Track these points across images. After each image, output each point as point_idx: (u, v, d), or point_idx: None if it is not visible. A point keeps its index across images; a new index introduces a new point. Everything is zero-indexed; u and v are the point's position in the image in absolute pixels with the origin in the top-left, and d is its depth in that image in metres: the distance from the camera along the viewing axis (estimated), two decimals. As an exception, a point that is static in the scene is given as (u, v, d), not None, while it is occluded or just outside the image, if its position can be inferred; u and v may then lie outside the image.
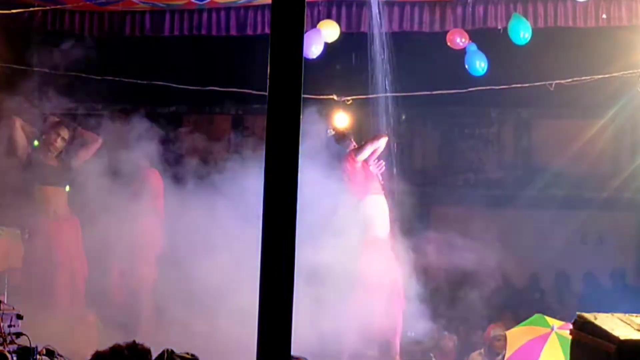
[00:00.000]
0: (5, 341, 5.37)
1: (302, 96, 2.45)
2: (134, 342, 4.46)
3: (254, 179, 6.85)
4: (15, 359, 5.26)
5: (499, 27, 8.39)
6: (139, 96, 9.50)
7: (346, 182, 7.98)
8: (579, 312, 4.30)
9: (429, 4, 8.64)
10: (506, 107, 12.15)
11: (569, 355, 4.44)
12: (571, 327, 4.35)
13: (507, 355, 6.96)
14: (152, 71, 9.33)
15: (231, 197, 7.53)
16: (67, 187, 8.16)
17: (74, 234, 8.15)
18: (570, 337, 4.40)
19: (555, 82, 8.17)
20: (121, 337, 4.78)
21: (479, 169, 12.61)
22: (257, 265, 2.37)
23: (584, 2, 8.21)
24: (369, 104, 8.72)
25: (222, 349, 6.47)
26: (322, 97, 8.50)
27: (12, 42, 8.75)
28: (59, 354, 5.48)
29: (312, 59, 8.03)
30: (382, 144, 8.14)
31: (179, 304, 7.61)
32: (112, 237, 7.83)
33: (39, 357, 5.36)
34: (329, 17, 8.65)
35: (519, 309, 9.88)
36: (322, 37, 8.30)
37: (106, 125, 8.50)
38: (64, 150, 8.18)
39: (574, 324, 4.30)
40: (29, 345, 5.38)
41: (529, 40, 8.13)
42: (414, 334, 8.17)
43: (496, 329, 8.04)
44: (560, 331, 6.62)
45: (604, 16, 8.22)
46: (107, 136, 8.32)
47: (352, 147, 8.21)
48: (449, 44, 8.50)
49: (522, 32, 8.09)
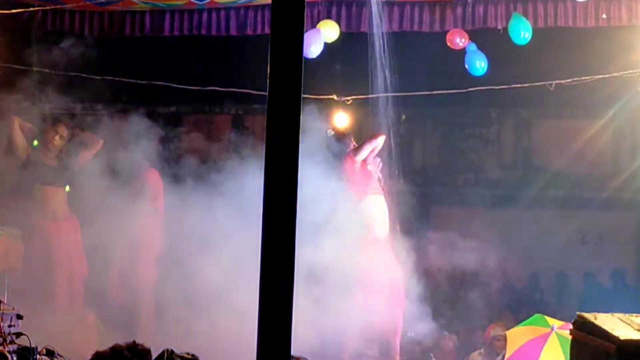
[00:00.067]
0: (5, 341, 5.36)
1: (302, 96, 2.45)
2: (134, 342, 4.46)
3: (254, 179, 6.86)
4: (15, 359, 5.25)
5: (499, 27, 8.39)
6: (139, 96, 9.49)
7: (345, 182, 7.98)
8: (579, 312, 4.30)
9: (429, 4, 8.64)
10: (506, 107, 12.15)
11: (569, 355, 4.44)
12: (571, 327, 4.35)
13: (507, 355, 6.96)
14: (152, 71, 9.33)
15: (231, 197, 7.53)
16: (66, 187, 8.16)
17: (74, 234, 8.15)
18: (570, 337, 4.40)
19: (555, 82, 8.16)
20: (121, 337, 4.78)
21: (479, 169, 12.60)
22: (257, 265, 2.37)
23: (584, 2, 8.21)
24: (368, 104, 8.71)
25: (222, 349, 6.47)
26: (322, 97, 8.50)
27: (12, 42, 8.74)
28: (59, 354, 5.48)
29: (312, 58, 8.03)
30: (380, 142, 8.13)
31: (179, 304, 7.61)
32: (112, 237, 7.84)
33: (39, 357, 5.36)
34: (329, 17, 8.65)
35: (519, 309, 9.89)
36: (322, 37, 8.29)
37: (106, 125, 8.50)
38: (64, 150, 8.17)
39: (574, 324, 4.30)
40: (29, 345, 5.37)
41: (529, 40, 8.14)
42: (414, 334, 8.17)
43: (496, 329, 8.03)
44: (560, 331, 6.62)
45: (604, 16, 8.22)
46: (107, 136, 8.32)
47: (351, 147, 8.21)
48: (449, 44, 8.49)
49: (522, 32, 8.09)
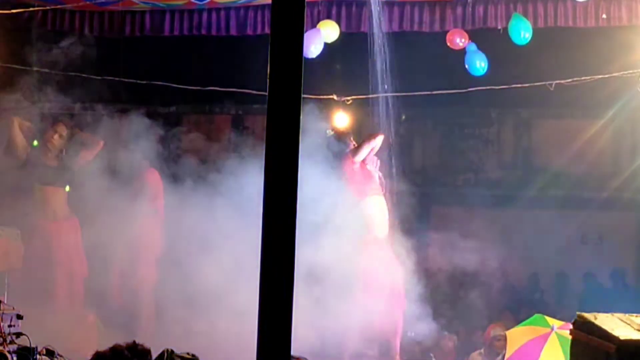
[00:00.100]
0: (5, 341, 5.37)
1: (302, 96, 2.45)
2: (134, 342, 4.46)
3: (253, 179, 6.86)
4: (15, 359, 5.25)
5: (499, 27, 8.39)
6: (139, 96, 9.49)
7: (345, 182, 7.98)
8: (579, 312, 4.30)
9: (429, 4, 8.64)
10: (506, 107, 12.15)
11: (569, 355, 4.44)
12: (571, 327, 4.35)
13: (507, 355, 6.96)
14: (152, 71, 9.32)
15: (231, 197, 7.53)
16: (66, 187, 8.16)
17: (74, 234, 8.15)
18: (570, 337, 4.41)
19: (555, 82, 8.16)
20: (121, 337, 4.78)
21: (479, 169, 12.60)
22: (257, 265, 2.37)
23: (584, 2, 8.21)
24: (368, 104, 8.70)
25: (222, 349, 6.48)
26: (322, 97, 8.50)
27: (12, 42, 8.74)
28: (59, 354, 5.48)
29: (312, 58, 8.03)
30: (378, 142, 8.14)
31: (179, 304, 7.61)
32: (112, 237, 7.83)
33: (39, 357, 5.36)
34: (328, 17, 8.65)
35: (519, 309, 9.89)
36: (322, 37, 8.29)
37: (106, 125, 8.50)
38: (64, 150, 8.17)
39: (574, 324, 4.30)
40: (29, 345, 5.38)
41: (529, 40, 8.14)
42: (414, 334, 8.17)
43: (496, 329, 8.03)
44: (560, 331, 6.62)
45: (604, 16, 8.22)
46: (107, 136, 8.32)
47: (351, 147, 8.21)
48: (449, 44, 8.49)
49: (523, 32, 8.09)
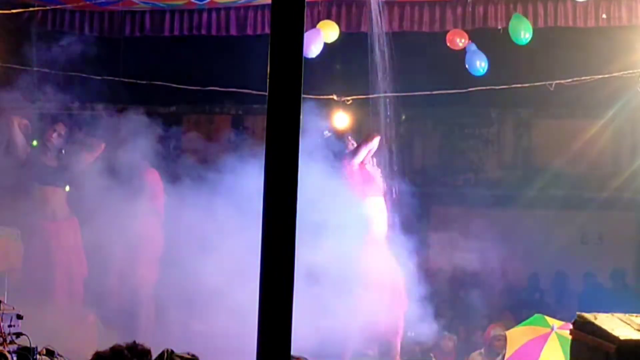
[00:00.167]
0: (5, 341, 5.36)
1: (302, 96, 2.45)
2: (134, 342, 4.46)
3: (253, 179, 6.85)
4: (15, 359, 5.25)
5: (499, 27, 8.39)
6: (139, 96, 9.49)
7: (345, 183, 7.99)
8: (579, 312, 4.30)
9: (429, 4, 8.64)
10: (506, 107, 12.14)
11: (569, 355, 4.44)
12: (571, 327, 4.35)
13: (507, 355, 6.96)
14: (152, 71, 9.33)
15: (231, 197, 7.53)
16: (66, 187, 8.16)
17: (74, 234, 8.15)
18: (570, 337, 4.40)
19: (555, 82, 8.17)
20: (121, 337, 4.78)
21: (479, 169, 12.59)
22: (257, 265, 2.37)
23: (584, 2, 8.21)
24: (368, 104, 8.71)
25: (222, 349, 6.47)
26: (321, 97, 8.50)
27: (12, 42, 8.74)
28: (59, 354, 5.47)
29: (312, 58, 8.03)
30: (375, 144, 8.17)
31: (179, 304, 7.61)
32: (112, 237, 7.83)
33: (39, 357, 5.35)
34: (328, 17, 8.65)
35: (519, 309, 9.89)
36: (322, 37, 8.29)
37: (106, 124, 8.50)
38: (64, 150, 8.17)
39: (574, 324, 4.30)
40: (29, 345, 5.37)
41: (529, 40, 8.14)
42: (414, 334, 8.17)
43: (496, 329, 8.04)
44: (560, 331, 6.62)
45: (604, 16, 8.22)
46: (107, 136, 8.32)
47: (350, 147, 8.23)
48: (448, 44, 8.49)
49: (523, 32, 8.09)
